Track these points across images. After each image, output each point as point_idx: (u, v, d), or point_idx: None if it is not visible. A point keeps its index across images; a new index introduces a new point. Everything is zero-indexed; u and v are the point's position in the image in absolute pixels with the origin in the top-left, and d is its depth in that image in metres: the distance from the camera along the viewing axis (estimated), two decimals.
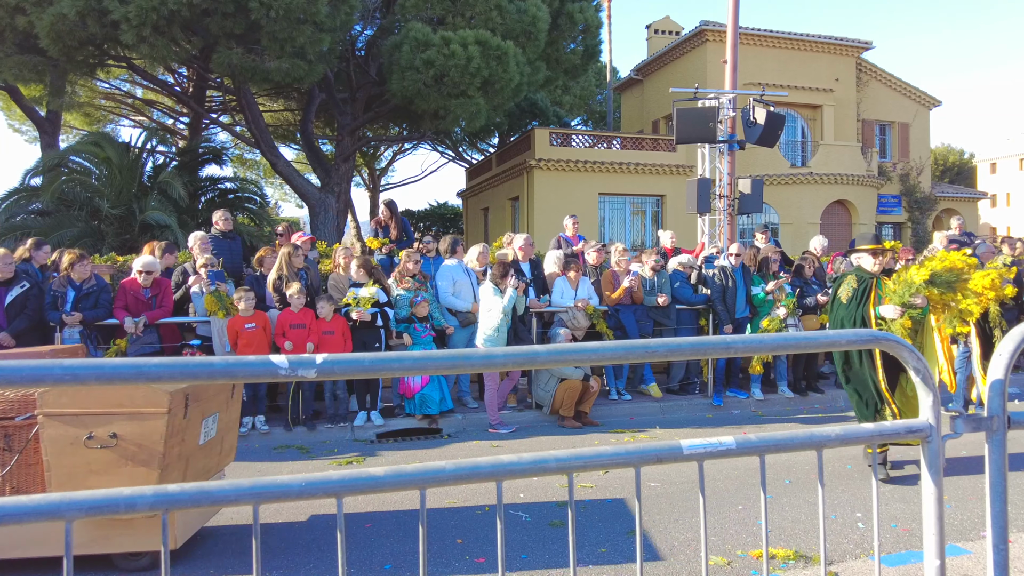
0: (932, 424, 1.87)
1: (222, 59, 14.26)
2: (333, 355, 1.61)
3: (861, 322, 5.24)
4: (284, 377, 1.57)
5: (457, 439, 7.13)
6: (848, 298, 5.32)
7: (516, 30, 16.22)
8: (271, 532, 4.54)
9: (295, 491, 1.58)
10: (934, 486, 1.87)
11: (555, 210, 18.88)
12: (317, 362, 1.59)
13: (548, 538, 4.37)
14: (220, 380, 1.62)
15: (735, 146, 11.54)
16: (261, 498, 1.55)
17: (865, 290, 5.31)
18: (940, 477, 1.88)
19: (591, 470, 1.75)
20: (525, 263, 8.42)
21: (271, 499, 1.57)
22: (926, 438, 1.88)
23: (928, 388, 1.87)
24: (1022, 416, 2.00)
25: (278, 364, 1.56)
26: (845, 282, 5.44)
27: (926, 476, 1.88)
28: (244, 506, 1.56)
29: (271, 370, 1.57)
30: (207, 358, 1.62)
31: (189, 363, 1.57)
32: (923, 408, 1.90)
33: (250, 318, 7.15)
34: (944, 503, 1.89)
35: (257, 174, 31.12)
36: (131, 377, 1.54)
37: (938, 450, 1.88)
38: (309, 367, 1.58)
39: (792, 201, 24.10)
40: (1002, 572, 1.92)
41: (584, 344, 1.82)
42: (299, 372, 1.58)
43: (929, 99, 28.06)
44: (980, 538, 4.20)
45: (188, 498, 1.52)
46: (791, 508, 4.84)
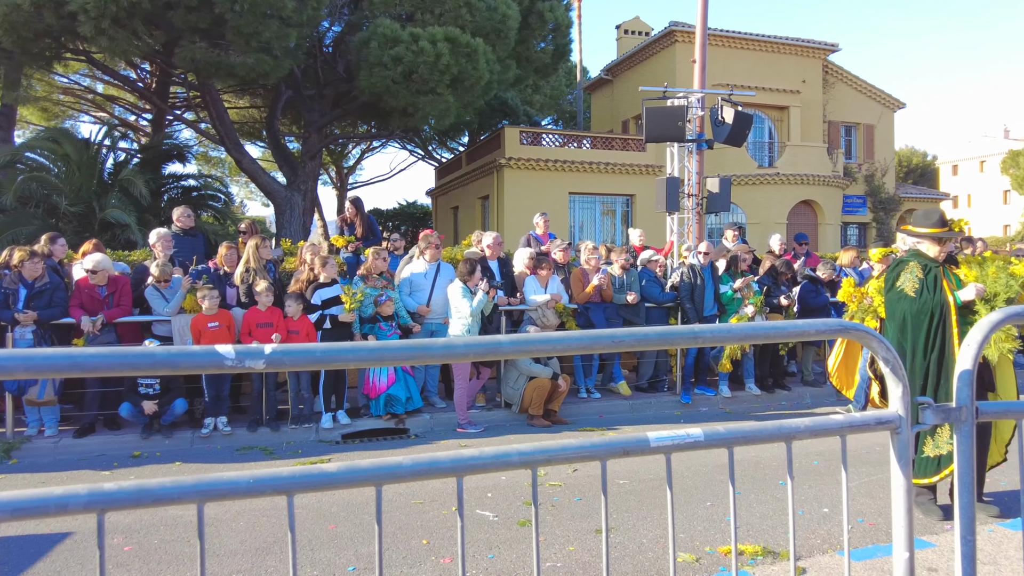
0: (901, 415, 1.85)
1: (186, 54, 13.96)
2: (282, 345, 1.52)
3: (940, 314, 4.41)
4: (230, 368, 1.48)
5: (425, 439, 7.03)
6: (917, 289, 4.45)
7: (486, 28, 16.15)
8: (228, 532, 4.40)
9: (242, 489, 1.49)
10: (903, 477, 1.84)
11: (525, 209, 18.84)
12: (266, 352, 1.49)
13: (516, 538, 4.30)
14: (162, 371, 1.52)
15: (703, 145, 11.61)
16: (206, 496, 1.46)
17: (935, 279, 4.49)
18: (909, 468, 1.86)
19: (555, 464, 1.68)
20: (493, 261, 8.35)
21: (217, 497, 1.48)
22: (895, 429, 1.85)
23: (897, 379, 1.84)
24: (990, 407, 1.98)
25: (224, 354, 1.47)
26: (907, 270, 4.54)
27: (895, 467, 1.85)
28: (188, 505, 1.46)
29: (216, 361, 1.47)
30: (149, 348, 1.52)
31: (128, 353, 1.47)
32: (892, 399, 1.87)
33: (214, 316, 6.98)
34: (912, 494, 1.86)
35: (222, 172, 30.62)
36: (65, 368, 1.44)
37: (907, 441, 1.85)
38: (257, 358, 1.49)
39: (759, 201, 24.38)
40: (969, 563, 1.90)
41: (549, 334, 1.76)
42: (246, 363, 1.49)
43: (893, 101, 28.59)
44: (945, 531, 4.24)
45: (126, 497, 1.42)
46: (759, 504, 4.84)
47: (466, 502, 4.89)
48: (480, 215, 24.88)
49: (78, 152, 14.37)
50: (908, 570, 1.83)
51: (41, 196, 13.72)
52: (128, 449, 6.58)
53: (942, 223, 4.58)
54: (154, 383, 6.74)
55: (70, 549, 4.22)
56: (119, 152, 16.56)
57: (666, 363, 9.01)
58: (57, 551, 4.18)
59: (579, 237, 21.67)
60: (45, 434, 6.78)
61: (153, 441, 6.74)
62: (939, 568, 3.73)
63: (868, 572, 3.71)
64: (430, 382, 8.17)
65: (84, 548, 4.21)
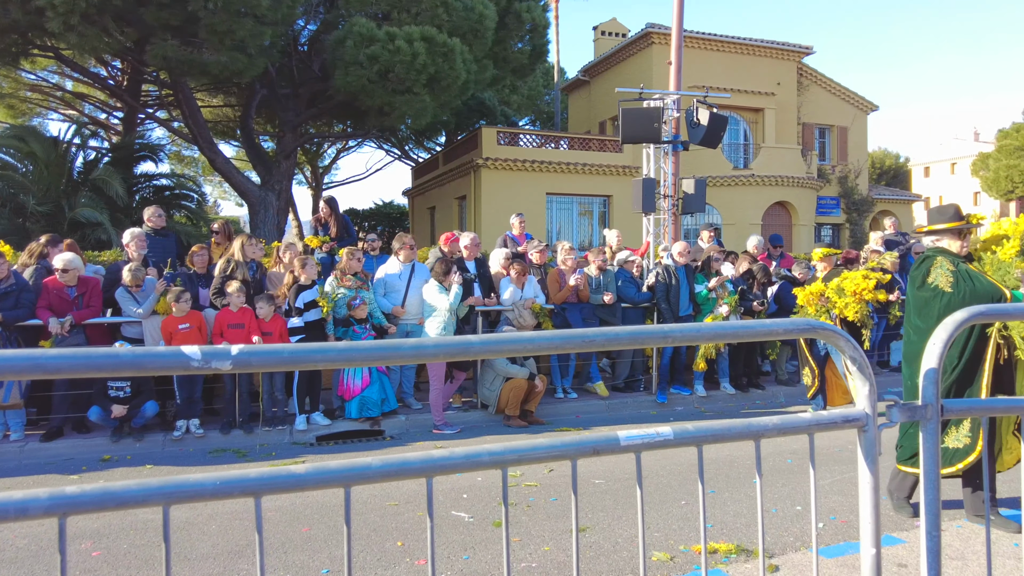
0: (868, 413, 1.87)
1: (158, 51, 13.76)
2: (250, 346, 1.50)
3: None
4: (197, 369, 1.45)
5: (400, 441, 6.99)
6: (952, 283, 4.20)
7: (463, 27, 16.13)
8: (200, 536, 4.34)
9: (209, 491, 1.46)
10: (870, 475, 1.86)
11: (502, 209, 18.84)
12: (232, 353, 1.47)
13: (491, 539, 4.29)
14: (127, 372, 1.49)
15: (679, 147, 11.68)
16: (172, 498, 1.43)
17: (967, 271, 4.31)
18: (876, 466, 1.88)
19: (526, 464, 1.68)
20: (471, 262, 8.34)
21: (183, 499, 1.45)
22: (862, 427, 1.87)
23: (865, 377, 1.86)
24: (955, 404, 2.01)
25: (190, 355, 1.44)
26: (936, 266, 4.32)
27: (862, 465, 1.87)
28: (154, 507, 1.43)
29: (182, 361, 1.45)
30: (114, 349, 1.49)
31: (93, 354, 1.44)
32: (859, 398, 1.89)
33: (184, 318, 6.89)
34: (880, 492, 1.89)
35: (195, 171, 30.25)
36: (28, 370, 1.40)
37: (874, 439, 1.87)
38: (224, 358, 1.47)
39: (734, 202, 24.62)
40: (934, 557, 1.92)
41: (520, 334, 1.75)
42: (213, 364, 1.46)
43: (867, 104, 29.03)
44: (914, 528, 4.30)
45: (89, 500, 1.39)
46: (733, 503, 4.88)
47: (442, 503, 4.89)
48: (457, 215, 24.85)
49: (46, 150, 14.12)
50: (875, 566, 1.85)
51: (7, 195, 13.47)
52: (97, 453, 6.47)
53: (958, 216, 4.46)
54: (124, 386, 6.63)
55: (35, 555, 4.14)
56: (89, 151, 16.30)
57: (643, 363, 9.06)
58: (22, 556, 4.10)
59: (556, 237, 21.73)
60: (11, 438, 6.63)
61: (123, 444, 6.63)
62: (908, 564, 3.79)
63: (839, 568, 3.75)
64: (405, 384, 8.13)
65: (49, 553, 4.13)
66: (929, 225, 4.55)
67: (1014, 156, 35.14)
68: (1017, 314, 2.68)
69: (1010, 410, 2.33)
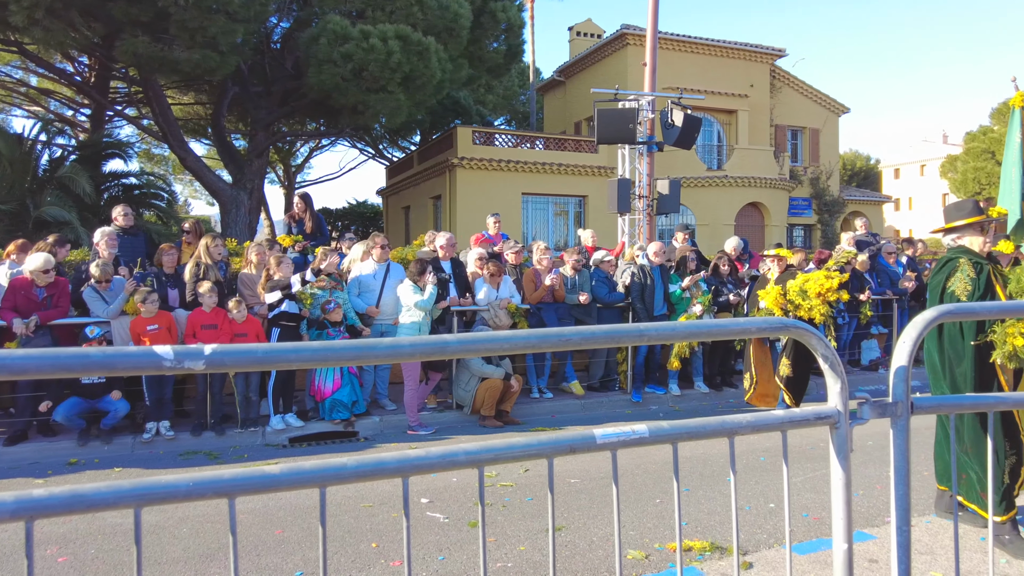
0: (840, 410, 1.89)
1: (127, 47, 13.53)
2: (223, 345, 1.48)
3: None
4: (169, 369, 1.43)
5: (374, 442, 6.94)
6: (968, 292, 3.97)
7: (438, 26, 16.09)
8: (171, 539, 4.27)
9: (182, 492, 1.43)
10: (842, 471, 1.88)
11: (478, 209, 18.83)
12: (206, 353, 1.45)
13: (466, 539, 4.28)
14: (97, 372, 1.46)
15: (654, 147, 11.77)
16: (143, 501, 1.40)
17: (987, 278, 4.03)
18: (848, 462, 1.90)
19: (502, 463, 1.67)
20: (446, 262, 8.31)
21: (155, 501, 1.42)
22: (834, 424, 1.89)
23: (836, 375, 1.89)
24: (925, 401, 2.05)
25: (162, 355, 1.42)
26: (958, 269, 4.06)
27: (834, 461, 1.89)
28: (124, 510, 1.40)
29: (155, 361, 1.42)
30: (83, 349, 1.45)
31: (61, 355, 1.40)
32: (831, 395, 1.92)
33: (153, 319, 6.77)
34: (851, 488, 1.91)
35: (165, 170, 29.80)
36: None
37: (846, 436, 1.89)
38: (197, 358, 1.44)
39: (708, 202, 24.86)
40: (904, 552, 1.95)
41: (497, 333, 1.74)
42: (186, 364, 1.44)
43: (838, 106, 29.48)
44: (885, 524, 4.37)
45: (57, 503, 1.35)
46: (707, 500, 4.92)
47: (417, 504, 4.86)
48: (432, 215, 24.77)
49: (10, 147, 13.80)
50: (847, 561, 1.88)
51: None
52: (64, 456, 6.33)
53: (978, 210, 4.20)
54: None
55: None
56: (55, 148, 15.98)
57: (617, 362, 9.10)
58: None
59: (532, 237, 21.76)
60: None
61: (91, 448, 6.50)
62: (879, 559, 3.85)
63: (812, 564, 3.80)
64: (380, 385, 8.08)
65: (14, 559, 4.03)
66: (947, 223, 4.30)
67: (981, 158, 35.94)
68: (984, 313, 2.74)
69: (976, 407, 2.37)
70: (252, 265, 7.90)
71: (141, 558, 1.45)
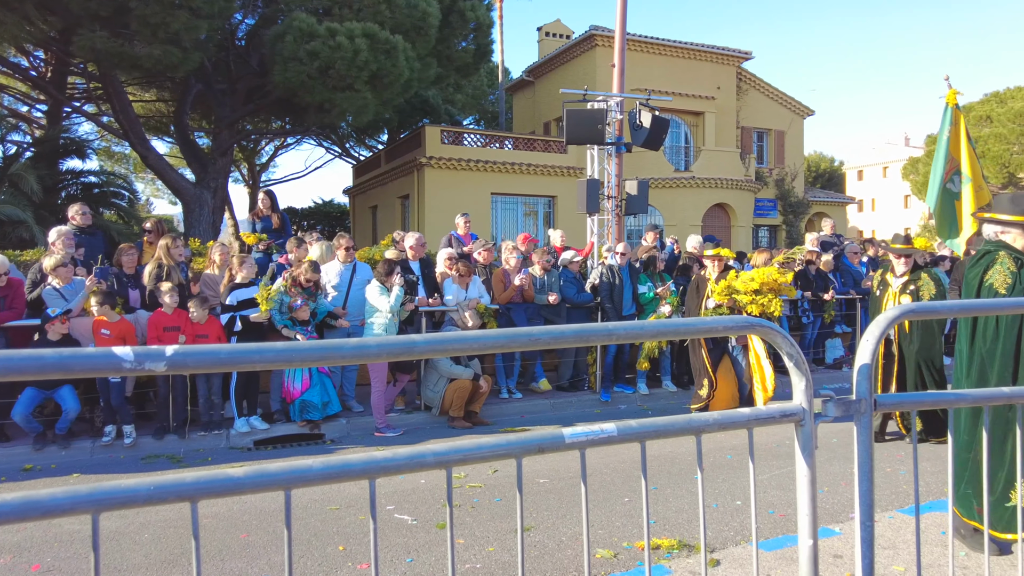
0: (805, 408, 1.90)
1: (85, 42, 13.18)
2: (185, 346, 1.43)
3: None
4: (129, 371, 1.38)
5: (341, 444, 6.87)
6: (1008, 285, 3.74)
7: (406, 24, 15.99)
8: (131, 546, 4.17)
9: (142, 496, 1.38)
10: (807, 468, 1.90)
11: (447, 209, 18.76)
12: (167, 354, 1.40)
13: (435, 541, 4.25)
14: (53, 374, 1.40)
15: (622, 148, 11.83)
16: (102, 506, 1.35)
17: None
18: (813, 459, 1.92)
19: (470, 463, 1.65)
20: (415, 262, 8.25)
21: (114, 506, 1.36)
22: (799, 422, 1.91)
23: (801, 373, 1.90)
24: (887, 399, 2.07)
25: (122, 356, 1.36)
26: (998, 262, 3.80)
27: (799, 458, 1.90)
28: (82, 516, 1.34)
29: (114, 363, 1.37)
30: (37, 351, 1.39)
31: (14, 357, 1.34)
32: (796, 392, 1.93)
33: (109, 324, 6.58)
34: (816, 484, 1.93)
35: (127, 168, 29.15)
36: None
37: (811, 433, 1.91)
38: (158, 359, 1.39)
39: (676, 203, 25.09)
40: (868, 547, 1.98)
41: (465, 333, 1.72)
42: (146, 365, 1.39)
43: (803, 108, 29.97)
44: (850, 520, 4.44)
45: (11, 510, 1.29)
46: (675, 499, 4.95)
47: (385, 507, 4.81)
48: (400, 214, 24.61)
49: None
50: (812, 557, 1.89)
51: None
52: (19, 462, 6.14)
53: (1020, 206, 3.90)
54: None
55: None
56: (9, 145, 15.52)
57: (586, 363, 9.13)
58: None
59: (501, 237, 21.74)
60: None
61: (48, 453, 6.32)
62: (844, 554, 3.91)
63: (779, 561, 3.84)
64: (347, 386, 7.99)
65: None
66: (995, 213, 4.00)
67: None
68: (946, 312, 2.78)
69: (938, 403, 2.42)
70: (215, 265, 7.76)
71: (99, 565, 1.40)
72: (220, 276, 7.55)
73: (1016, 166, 33.24)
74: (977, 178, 6.57)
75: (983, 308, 3.04)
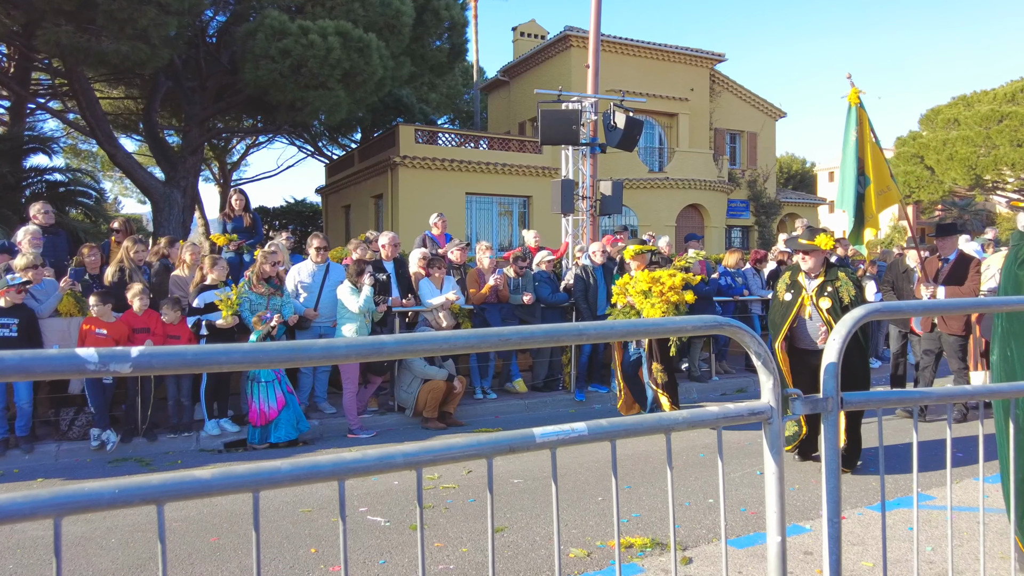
0: (773, 406, 1.92)
1: (49, 37, 12.89)
2: (151, 348, 1.40)
3: None
4: (93, 372, 1.34)
5: (313, 447, 6.80)
6: None
7: (379, 23, 15.89)
8: (97, 551, 4.09)
9: (106, 500, 1.35)
10: (775, 465, 1.92)
11: (421, 209, 18.68)
12: (132, 355, 1.37)
13: (407, 542, 4.23)
14: (13, 377, 1.36)
15: (597, 149, 11.88)
16: (64, 510, 1.31)
17: None
18: (781, 457, 1.94)
19: (441, 464, 1.64)
20: (389, 262, 8.20)
21: (77, 510, 1.33)
22: (767, 420, 1.93)
23: (769, 371, 1.92)
24: (854, 396, 2.10)
25: (86, 358, 1.33)
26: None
27: (768, 456, 1.92)
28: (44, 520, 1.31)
29: (77, 364, 1.33)
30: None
31: None
32: (764, 391, 1.95)
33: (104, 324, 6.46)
34: (784, 481, 1.95)
35: (94, 166, 28.59)
36: None
37: (778, 431, 1.93)
38: (123, 361, 1.36)
39: (650, 204, 25.26)
40: (835, 543, 2.00)
41: (436, 333, 1.71)
42: (111, 366, 1.36)
43: (775, 110, 30.36)
44: (820, 517, 4.50)
45: None
46: (648, 497, 4.97)
47: (358, 509, 4.78)
48: (374, 214, 24.47)
49: None
50: (780, 553, 1.91)
51: None
52: None
53: None
54: (11, 324, 6.12)
55: None
56: None
57: (561, 362, 9.15)
58: None
59: (476, 237, 21.70)
60: None
61: (10, 457, 6.18)
62: (814, 551, 3.96)
63: (749, 558, 3.88)
64: (319, 388, 7.92)
65: None
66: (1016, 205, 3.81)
67: (911, 162, 37.50)
68: (910, 311, 2.83)
69: (903, 401, 2.46)
70: (185, 265, 7.64)
71: (61, 571, 1.36)
72: (190, 277, 7.43)
73: (982, 168, 34.01)
74: (881, 180, 6.37)
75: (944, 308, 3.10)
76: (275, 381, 6.65)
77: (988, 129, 33.56)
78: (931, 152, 36.01)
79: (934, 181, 36.46)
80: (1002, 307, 3.00)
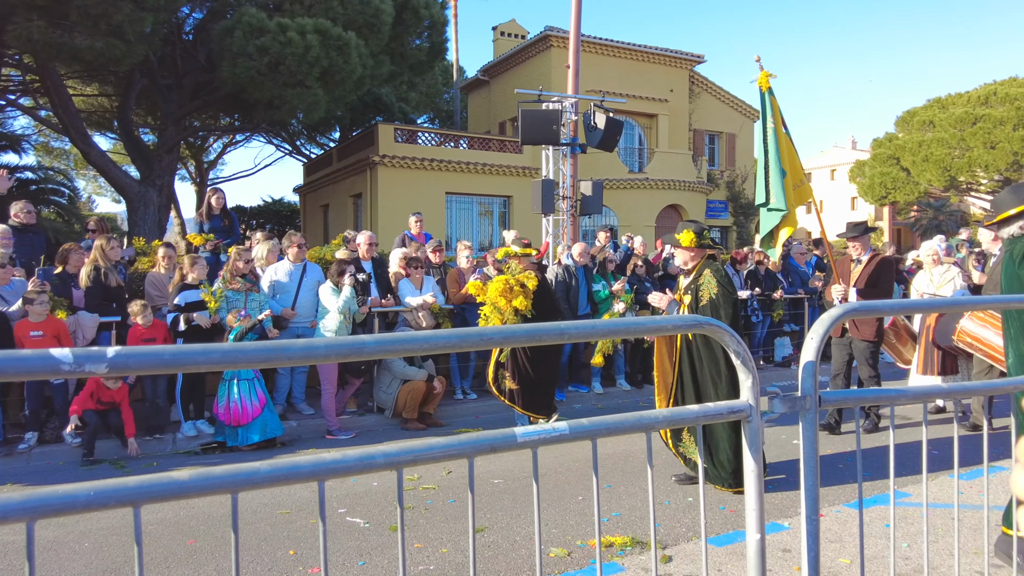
0: (752, 405, 1.94)
1: (20, 32, 12.66)
2: (128, 348, 1.38)
3: None
4: (68, 373, 1.31)
5: (292, 448, 6.75)
6: None
7: (358, 21, 15.80)
8: (71, 555, 4.02)
9: (81, 502, 1.32)
10: (754, 463, 1.93)
11: (400, 208, 18.60)
12: (108, 355, 1.34)
13: (387, 543, 4.20)
14: None
15: (577, 149, 11.91)
16: (36, 514, 1.28)
17: None
18: (760, 455, 1.95)
19: (421, 464, 1.63)
20: (367, 262, 8.15)
21: (50, 514, 1.30)
22: (746, 418, 1.94)
23: (748, 370, 1.93)
24: (832, 395, 2.12)
25: (60, 358, 1.30)
26: None
27: (747, 454, 1.94)
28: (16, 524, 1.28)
29: (51, 365, 1.30)
30: None
31: None
32: (743, 389, 1.96)
33: (38, 324, 6.32)
34: (763, 479, 1.96)
35: (67, 164, 28.11)
36: None
37: (757, 429, 1.94)
38: (99, 361, 1.33)
39: (630, 204, 25.38)
40: (813, 541, 2.02)
41: (415, 333, 1.70)
42: (86, 367, 1.33)
43: (754, 111, 30.59)
44: (799, 515, 4.54)
45: None
46: (628, 496, 4.99)
47: (337, 510, 4.74)
48: (352, 213, 24.32)
49: None
50: (759, 550, 1.92)
51: None
52: None
53: None
54: None
55: None
56: None
57: None
58: None
59: (456, 237, 21.66)
60: None
61: None
62: (792, 548, 3.99)
63: (729, 556, 3.91)
64: (296, 389, 7.84)
65: None
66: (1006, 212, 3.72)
67: (887, 164, 37.99)
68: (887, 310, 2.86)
69: (879, 399, 2.49)
70: (161, 265, 7.54)
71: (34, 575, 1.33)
72: (167, 276, 7.33)
73: (957, 170, 34.56)
74: (795, 174, 5.98)
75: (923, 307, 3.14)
76: (255, 379, 6.59)
77: (962, 131, 34.12)
78: (907, 154, 36.53)
79: (910, 182, 36.99)
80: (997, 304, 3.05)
